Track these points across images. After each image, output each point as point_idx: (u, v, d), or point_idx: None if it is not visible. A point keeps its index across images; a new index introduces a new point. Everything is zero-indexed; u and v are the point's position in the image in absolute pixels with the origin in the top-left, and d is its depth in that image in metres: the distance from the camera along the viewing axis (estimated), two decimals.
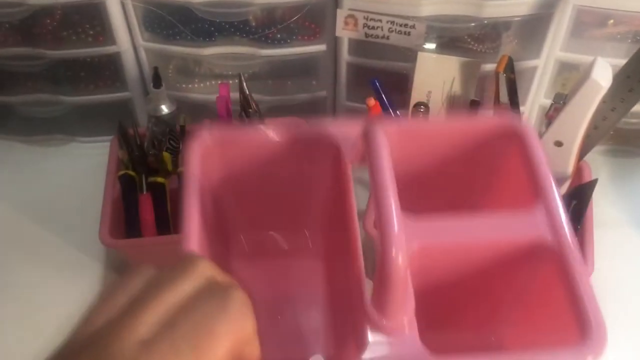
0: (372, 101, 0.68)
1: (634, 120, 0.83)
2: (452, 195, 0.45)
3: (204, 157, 0.43)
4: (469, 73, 0.69)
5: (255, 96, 0.78)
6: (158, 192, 0.67)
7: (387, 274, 0.33)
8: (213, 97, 0.74)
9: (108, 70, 0.81)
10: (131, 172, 0.67)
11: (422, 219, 0.37)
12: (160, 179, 0.67)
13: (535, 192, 0.38)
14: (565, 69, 0.78)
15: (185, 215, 0.41)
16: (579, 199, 0.64)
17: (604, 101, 0.63)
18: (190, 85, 0.83)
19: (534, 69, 0.77)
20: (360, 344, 0.34)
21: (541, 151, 0.41)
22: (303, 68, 0.82)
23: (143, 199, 0.67)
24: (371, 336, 0.34)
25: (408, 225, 0.36)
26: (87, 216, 0.71)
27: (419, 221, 0.36)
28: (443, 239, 0.37)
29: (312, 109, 0.86)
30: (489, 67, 0.73)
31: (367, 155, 0.37)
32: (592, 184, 0.65)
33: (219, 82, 0.77)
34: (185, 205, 0.41)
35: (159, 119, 0.70)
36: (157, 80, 0.68)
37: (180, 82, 0.83)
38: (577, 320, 0.34)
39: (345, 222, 0.40)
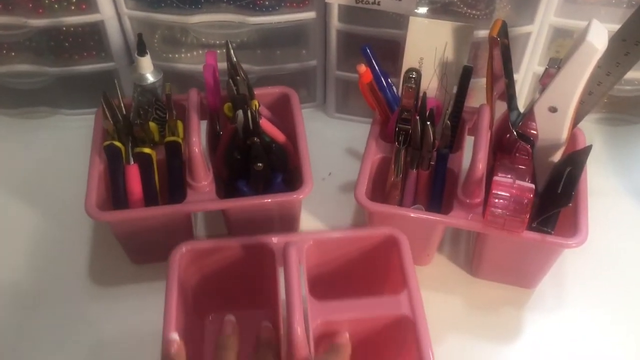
0: (362, 68, 0.66)
1: (628, 87, 0.82)
2: (355, 283, 0.63)
3: (181, 264, 0.59)
4: (461, 38, 0.67)
5: (244, 66, 0.76)
6: (145, 163, 0.66)
7: (290, 339, 0.50)
8: (200, 67, 0.72)
9: (92, 40, 0.79)
10: (117, 143, 0.65)
11: (325, 302, 0.55)
12: (147, 150, 0.66)
13: (403, 282, 0.57)
14: (559, 35, 0.77)
15: (166, 309, 0.55)
16: (573, 165, 0.63)
17: (599, 66, 0.61)
18: (176, 55, 0.81)
19: (528, 35, 0.76)
20: None
21: (409, 253, 0.59)
22: (292, 36, 0.80)
23: (130, 170, 0.65)
24: None
25: (314, 307, 0.54)
26: (73, 189, 0.70)
27: (322, 304, 0.55)
28: (338, 315, 0.55)
29: (302, 78, 0.85)
30: (482, 33, 0.71)
31: (284, 263, 0.55)
32: (587, 150, 0.64)
33: (206, 51, 0.75)
34: (167, 299, 0.56)
35: (144, 88, 0.68)
36: (141, 47, 0.66)
37: (166, 52, 0.81)
38: None
39: (274, 301, 0.58)
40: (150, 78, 0.68)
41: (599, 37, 0.57)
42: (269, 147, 0.66)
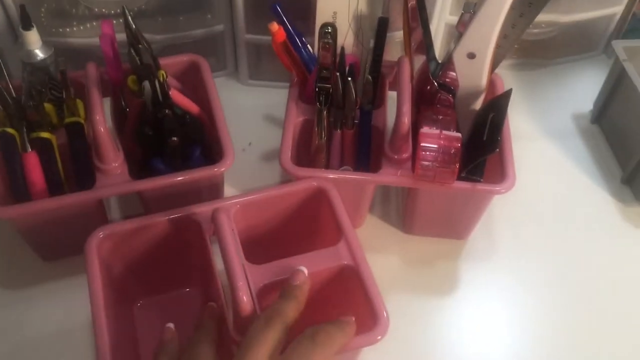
0: (275, 26, 0.62)
1: (536, 30, 0.83)
2: (289, 243, 0.59)
3: (100, 251, 0.54)
4: None
5: (145, 36, 0.70)
6: (44, 149, 0.59)
7: (237, 309, 0.48)
8: (96, 40, 0.66)
9: None
10: (9, 130, 0.59)
11: (263, 266, 0.52)
12: (45, 134, 0.59)
13: (339, 232, 0.55)
14: None
15: (92, 301, 0.51)
16: (495, 111, 0.63)
17: (512, 7, 0.61)
18: (68, 29, 0.74)
19: None
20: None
21: (340, 201, 0.57)
22: (195, 0, 0.75)
23: (27, 158, 0.59)
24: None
25: (253, 271, 0.51)
26: None
27: (261, 267, 0.52)
28: (278, 277, 0.51)
29: (210, 46, 0.80)
30: None
31: (215, 231, 0.52)
32: (507, 94, 0.63)
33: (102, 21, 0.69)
34: (91, 291, 0.51)
35: (34, 67, 0.61)
36: (26, 21, 0.59)
37: (56, 27, 0.74)
38: (371, 314, 0.50)
39: (209, 274, 0.55)
40: (39, 54, 0.61)
41: None
42: (182, 119, 0.61)
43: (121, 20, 0.62)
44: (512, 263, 0.68)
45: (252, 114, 0.81)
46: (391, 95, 0.68)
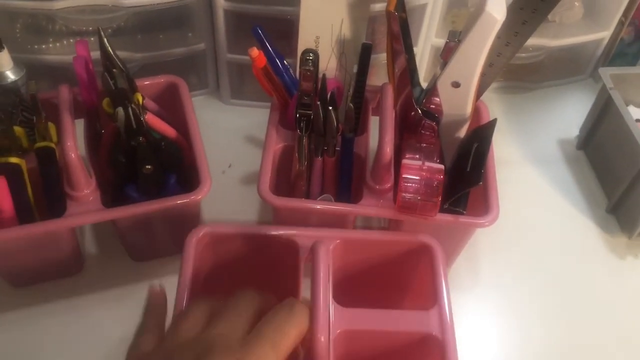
0: (255, 52, 0.61)
1: (523, 55, 0.82)
2: (377, 290, 0.59)
3: (197, 249, 0.54)
4: (358, 14, 0.63)
5: (124, 54, 0.69)
6: (14, 175, 0.57)
7: (313, 348, 0.46)
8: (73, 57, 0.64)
9: None
10: None
11: (349, 310, 0.50)
12: (14, 159, 0.57)
13: (434, 297, 0.53)
14: (454, 5, 0.75)
15: (178, 297, 0.50)
16: (479, 141, 0.61)
17: (498, 36, 0.59)
18: (44, 46, 0.72)
19: (424, 6, 0.73)
20: None
21: (442, 264, 0.55)
22: (175, 18, 0.73)
23: None
24: None
25: (338, 313, 0.49)
26: None
27: (347, 311, 0.50)
28: (363, 325, 0.50)
29: (191, 64, 0.78)
30: (379, 6, 0.68)
31: (312, 263, 0.51)
32: (492, 124, 0.62)
33: (77, 39, 0.67)
34: (180, 285, 0.51)
35: (5, 88, 0.59)
36: None
37: (31, 43, 0.72)
38: None
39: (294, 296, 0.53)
40: (10, 76, 0.59)
41: (497, 6, 0.55)
42: (157, 145, 0.59)
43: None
44: (496, 292, 0.67)
45: (234, 134, 0.79)
46: (375, 120, 0.67)
